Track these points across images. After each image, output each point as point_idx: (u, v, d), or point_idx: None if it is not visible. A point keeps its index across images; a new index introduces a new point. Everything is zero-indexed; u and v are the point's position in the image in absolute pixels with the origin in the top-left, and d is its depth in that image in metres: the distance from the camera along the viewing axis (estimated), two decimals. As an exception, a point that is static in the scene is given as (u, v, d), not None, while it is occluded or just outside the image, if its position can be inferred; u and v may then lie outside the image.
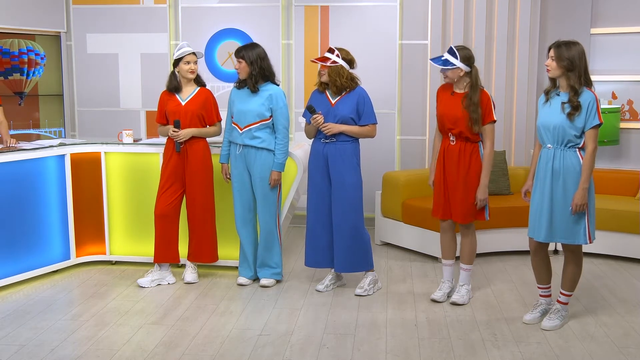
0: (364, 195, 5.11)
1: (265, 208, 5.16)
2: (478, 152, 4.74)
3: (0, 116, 5.76)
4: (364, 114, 4.94)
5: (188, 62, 5.11)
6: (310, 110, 4.93)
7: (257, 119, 5.03)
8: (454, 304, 4.85)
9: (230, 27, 7.16)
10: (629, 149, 6.82)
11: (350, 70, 4.94)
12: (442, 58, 4.66)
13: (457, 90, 4.75)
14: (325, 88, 5.00)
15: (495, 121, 4.69)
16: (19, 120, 7.80)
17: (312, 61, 5.00)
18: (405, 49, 7.03)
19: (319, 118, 4.89)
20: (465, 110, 4.65)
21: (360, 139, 5.03)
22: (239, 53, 5.05)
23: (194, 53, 5.13)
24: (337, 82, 4.88)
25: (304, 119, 5.13)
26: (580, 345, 4.17)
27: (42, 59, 7.45)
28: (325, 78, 4.92)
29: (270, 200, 5.16)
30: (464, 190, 4.73)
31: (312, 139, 5.09)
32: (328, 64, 4.86)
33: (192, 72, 5.14)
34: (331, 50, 4.91)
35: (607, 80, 6.80)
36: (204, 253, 5.35)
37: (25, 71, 7.34)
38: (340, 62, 4.88)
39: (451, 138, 4.77)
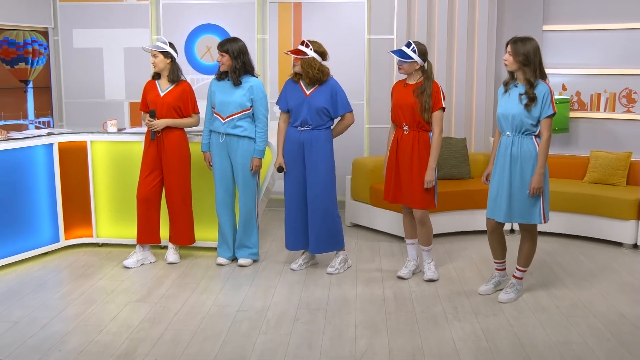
0: (335, 180, 5.11)
1: (245, 192, 5.14)
2: (429, 141, 4.75)
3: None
4: (339, 105, 4.93)
5: (152, 56, 5.10)
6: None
7: (239, 109, 5.00)
8: (430, 280, 4.88)
9: (209, 23, 7.10)
10: (577, 137, 6.89)
11: (323, 62, 4.93)
12: (401, 51, 4.67)
13: (410, 82, 4.77)
14: (299, 79, 4.98)
15: (444, 108, 4.71)
16: (9, 111, 7.72)
17: (286, 53, 4.97)
18: (373, 43, 7.02)
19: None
20: (416, 99, 4.67)
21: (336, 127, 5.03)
22: (223, 47, 4.98)
23: (155, 48, 5.07)
24: (310, 73, 4.85)
25: (278, 107, 5.10)
26: (533, 316, 4.23)
27: (45, 49, 7.41)
28: (297, 69, 4.89)
29: (251, 185, 5.14)
30: (417, 177, 4.74)
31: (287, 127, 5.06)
32: (299, 55, 4.84)
33: (153, 65, 5.11)
34: (304, 43, 4.89)
35: (557, 73, 6.86)
36: (182, 236, 5.32)
37: (30, 60, 7.33)
38: (312, 54, 4.85)
39: (404, 128, 4.78)
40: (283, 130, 5.04)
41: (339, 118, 5.05)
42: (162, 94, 5.12)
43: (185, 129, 5.25)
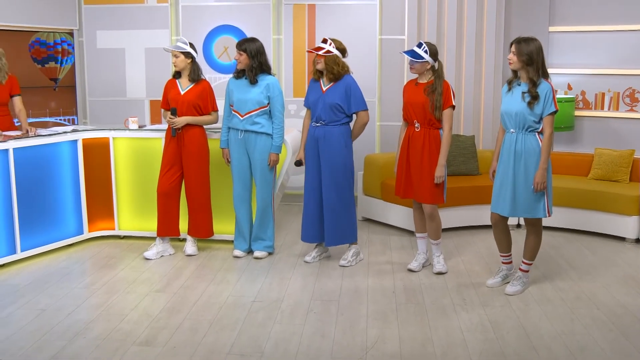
0: (352, 175, 5.10)
1: (263, 187, 5.15)
2: (439, 138, 4.73)
3: (20, 104, 5.74)
4: (352, 102, 4.89)
5: (173, 56, 5.12)
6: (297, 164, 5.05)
7: (257, 106, 5.00)
8: (439, 273, 4.87)
9: (226, 24, 7.12)
10: (582, 134, 6.86)
11: (343, 59, 4.92)
12: (413, 51, 4.65)
13: (421, 81, 4.75)
14: (319, 76, 4.97)
15: (453, 106, 4.69)
16: (37, 109, 7.80)
17: (309, 51, 4.93)
18: (384, 43, 7.01)
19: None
20: (427, 98, 4.66)
21: (350, 123, 5.01)
22: (241, 46, 4.98)
23: (176, 49, 5.07)
24: (334, 69, 4.83)
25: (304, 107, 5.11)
26: (538, 307, 4.22)
27: (73, 48, 7.49)
28: (321, 66, 4.86)
29: (268, 180, 5.15)
30: (427, 172, 4.72)
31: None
32: (322, 52, 4.83)
33: (174, 64, 5.12)
34: (325, 41, 4.87)
35: (563, 73, 6.83)
36: (200, 229, 5.35)
37: (60, 59, 7.43)
38: (335, 51, 4.85)
39: (416, 125, 4.77)
40: (306, 126, 5.06)
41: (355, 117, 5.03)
42: (182, 92, 5.15)
43: (205, 126, 5.27)
